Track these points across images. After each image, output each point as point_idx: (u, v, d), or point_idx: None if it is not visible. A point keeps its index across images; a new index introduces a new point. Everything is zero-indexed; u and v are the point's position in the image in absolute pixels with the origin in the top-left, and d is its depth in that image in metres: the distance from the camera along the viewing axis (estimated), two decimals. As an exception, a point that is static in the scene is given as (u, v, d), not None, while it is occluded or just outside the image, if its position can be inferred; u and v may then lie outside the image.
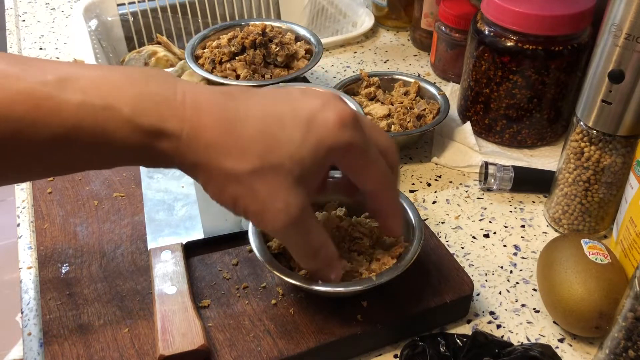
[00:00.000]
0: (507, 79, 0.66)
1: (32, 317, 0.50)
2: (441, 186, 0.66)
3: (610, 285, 0.46)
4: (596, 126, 0.52)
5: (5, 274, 1.73)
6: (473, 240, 0.59)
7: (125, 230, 0.56)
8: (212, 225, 0.55)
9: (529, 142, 0.70)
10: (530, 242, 0.59)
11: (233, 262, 0.53)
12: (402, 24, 0.97)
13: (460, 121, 0.74)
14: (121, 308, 0.49)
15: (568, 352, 0.49)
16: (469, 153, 0.69)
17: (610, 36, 0.48)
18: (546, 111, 0.67)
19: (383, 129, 0.67)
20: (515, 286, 0.54)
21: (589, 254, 0.48)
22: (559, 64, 0.63)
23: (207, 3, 1.06)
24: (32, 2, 1.06)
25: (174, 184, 0.61)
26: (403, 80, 0.75)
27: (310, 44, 0.78)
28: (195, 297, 0.49)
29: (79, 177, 0.62)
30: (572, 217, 0.57)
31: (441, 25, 0.80)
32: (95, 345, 0.46)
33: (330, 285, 0.44)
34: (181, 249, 0.52)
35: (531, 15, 0.61)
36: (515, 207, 0.63)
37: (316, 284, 0.44)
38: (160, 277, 0.49)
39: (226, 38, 0.76)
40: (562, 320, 0.48)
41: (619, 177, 0.54)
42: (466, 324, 0.51)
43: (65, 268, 0.52)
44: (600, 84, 0.50)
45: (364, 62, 0.89)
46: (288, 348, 0.45)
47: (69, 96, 0.33)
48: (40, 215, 0.58)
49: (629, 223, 0.50)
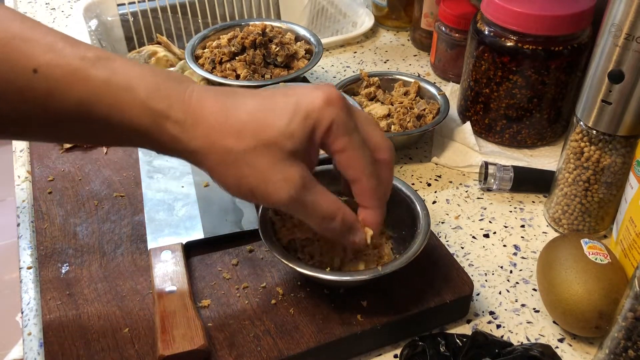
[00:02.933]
0: (507, 79, 0.66)
1: (32, 317, 0.50)
2: (441, 186, 0.66)
3: (610, 285, 0.46)
4: (596, 126, 0.52)
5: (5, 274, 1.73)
6: (473, 240, 0.59)
7: (125, 230, 0.56)
8: (212, 225, 0.55)
9: (529, 142, 0.70)
10: (530, 242, 0.59)
11: (233, 262, 0.53)
12: (402, 24, 0.97)
13: (460, 121, 0.74)
14: (121, 308, 0.49)
15: (568, 352, 0.49)
16: (469, 153, 0.69)
17: (610, 36, 0.48)
18: (546, 111, 0.67)
19: (383, 129, 0.67)
20: (515, 286, 0.54)
21: (588, 254, 0.48)
22: (559, 64, 0.64)
23: (207, 3, 1.06)
24: (32, 2, 1.06)
25: (174, 184, 0.61)
26: (403, 80, 0.75)
27: (310, 44, 0.78)
28: (195, 297, 0.49)
29: (79, 177, 0.62)
30: (572, 217, 0.57)
31: (441, 25, 0.80)
32: (95, 346, 0.46)
33: (337, 274, 0.45)
34: (181, 249, 0.52)
35: (531, 15, 0.61)
36: (515, 207, 0.63)
37: (324, 273, 0.45)
38: (160, 277, 0.49)
39: (226, 38, 0.76)
40: (562, 320, 0.48)
41: (619, 177, 0.54)
42: (466, 324, 0.51)
43: (65, 268, 0.52)
44: (600, 84, 0.50)
45: (364, 62, 0.89)
46: (288, 348, 0.45)
47: (99, 72, 0.39)
48: (40, 215, 0.58)
49: (628, 223, 0.50)
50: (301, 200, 0.40)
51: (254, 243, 0.54)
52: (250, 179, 0.40)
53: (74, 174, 0.63)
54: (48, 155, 0.65)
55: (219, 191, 0.60)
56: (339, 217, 0.42)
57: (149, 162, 0.64)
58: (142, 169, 0.63)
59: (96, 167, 0.64)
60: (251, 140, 0.39)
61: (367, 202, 0.43)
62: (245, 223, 0.56)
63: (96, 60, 0.39)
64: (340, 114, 0.40)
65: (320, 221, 0.42)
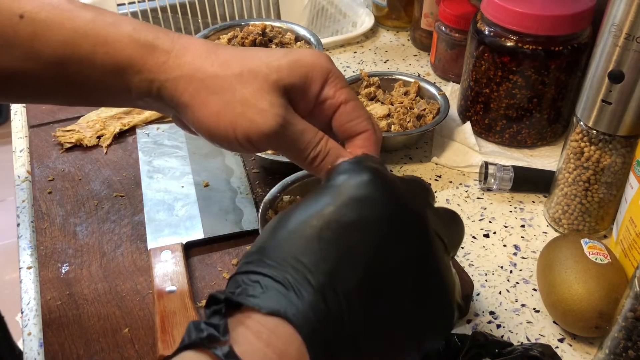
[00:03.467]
0: (507, 79, 0.66)
1: (32, 317, 0.50)
2: (441, 186, 0.66)
3: (610, 285, 0.46)
4: (596, 126, 0.52)
5: (6, 274, 1.73)
6: (473, 240, 0.59)
7: (125, 230, 0.56)
8: (212, 225, 0.56)
9: (529, 142, 0.70)
10: (530, 242, 0.59)
11: (233, 262, 0.53)
12: (402, 24, 0.97)
13: (460, 121, 0.74)
14: (121, 308, 0.49)
15: (568, 352, 0.49)
16: (469, 153, 0.69)
17: (610, 36, 0.48)
18: (546, 111, 0.67)
19: (383, 129, 0.67)
20: (515, 286, 0.54)
21: (589, 254, 0.48)
22: (559, 64, 0.63)
23: (207, 3, 1.06)
24: (32, 2, 1.06)
25: (174, 184, 0.61)
26: (403, 80, 0.75)
27: (310, 44, 0.78)
28: (195, 297, 0.49)
29: (79, 177, 0.62)
30: (572, 217, 0.57)
31: (441, 25, 0.80)
32: (95, 346, 0.46)
33: None
34: (181, 249, 0.52)
35: (531, 15, 0.61)
36: (515, 207, 0.63)
37: None
38: (160, 277, 0.49)
39: (226, 38, 0.76)
40: (562, 320, 0.48)
41: (619, 177, 0.54)
42: (466, 324, 0.51)
43: (65, 268, 0.52)
44: (600, 84, 0.50)
45: (364, 62, 0.89)
46: (288, 348, 0.45)
47: (85, 13, 0.40)
48: (40, 215, 0.58)
49: (629, 223, 0.50)
50: (287, 123, 0.38)
51: (254, 243, 0.54)
52: (234, 105, 0.38)
53: (74, 174, 0.63)
54: (48, 155, 0.65)
55: (219, 191, 0.61)
56: (324, 140, 0.40)
57: (149, 162, 0.64)
58: (142, 169, 0.63)
59: (96, 167, 0.64)
60: (237, 67, 0.39)
61: (359, 123, 0.41)
62: (245, 223, 0.56)
63: (83, 6, 0.40)
64: (334, 67, 0.41)
65: (306, 146, 0.39)
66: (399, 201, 0.34)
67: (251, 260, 0.31)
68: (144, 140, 0.68)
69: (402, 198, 0.34)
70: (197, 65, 0.39)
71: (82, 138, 0.67)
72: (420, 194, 0.37)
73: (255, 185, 0.62)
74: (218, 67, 0.39)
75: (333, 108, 0.41)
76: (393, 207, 0.33)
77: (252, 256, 0.31)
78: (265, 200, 0.53)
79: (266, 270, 0.29)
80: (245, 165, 0.64)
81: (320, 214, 0.32)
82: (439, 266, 0.34)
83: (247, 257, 0.31)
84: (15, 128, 0.72)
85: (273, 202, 0.54)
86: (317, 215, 0.32)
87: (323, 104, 0.41)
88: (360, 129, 0.41)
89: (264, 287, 0.29)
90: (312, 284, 0.29)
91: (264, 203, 0.53)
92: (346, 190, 0.33)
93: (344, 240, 0.31)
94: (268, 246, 0.31)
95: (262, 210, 0.52)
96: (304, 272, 0.29)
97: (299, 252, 0.30)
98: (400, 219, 0.33)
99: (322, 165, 0.40)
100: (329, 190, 0.34)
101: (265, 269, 0.30)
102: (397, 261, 0.32)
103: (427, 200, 0.37)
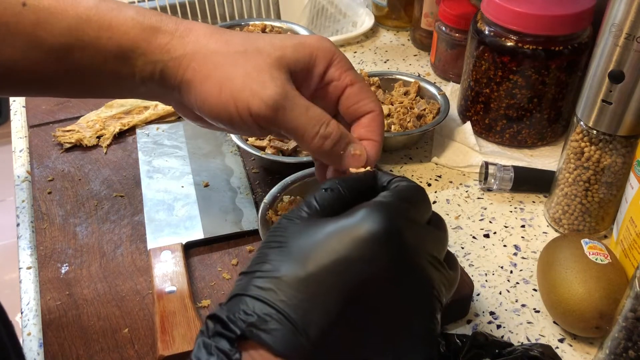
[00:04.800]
0: (507, 79, 0.66)
1: (32, 317, 0.50)
2: (441, 186, 0.66)
3: (610, 285, 0.46)
4: (596, 126, 0.52)
5: (5, 274, 1.73)
6: (473, 240, 0.59)
7: (125, 230, 0.56)
8: (212, 225, 0.55)
9: (529, 142, 0.70)
10: (530, 242, 0.59)
11: (233, 262, 0.53)
12: (402, 24, 0.97)
13: (460, 121, 0.74)
14: (121, 308, 0.49)
15: (568, 352, 0.49)
16: (469, 153, 0.69)
17: (610, 36, 0.48)
18: (546, 111, 0.67)
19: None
20: (515, 286, 0.54)
21: (589, 254, 0.48)
22: (559, 64, 0.63)
23: (207, 3, 1.06)
24: (32, 2, 1.06)
25: (173, 184, 0.61)
26: (403, 80, 0.74)
27: (310, 44, 0.78)
28: (195, 297, 0.49)
29: (79, 177, 0.62)
30: (572, 217, 0.57)
31: (441, 25, 0.80)
32: (94, 346, 0.46)
33: None
34: (181, 249, 0.52)
35: (531, 15, 0.61)
36: (515, 207, 0.63)
37: None
38: (160, 277, 0.49)
39: (226, 38, 0.76)
40: (562, 320, 0.48)
41: (619, 177, 0.54)
42: (466, 324, 0.51)
43: (65, 268, 0.52)
44: (600, 84, 0.50)
45: (364, 62, 0.89)
46: (288, 348, 0.45)
47: (87, 0, 0.40)
48: (40, 215, 0.57)
49: (629, 223, 0.50)
50: (289, 95, 0.37)
51: (254, 243, 0.54)
52: (235, 80, 0.38)
53: (73, 174, 0.63)
54: (48, 155, 0.65)
55: (219, 191, 0.61)
56: (333, 122, 0.38)
57: (148, 162, 0.64)
58: (142, 169, 0.63)
59: (96, 167, 0.64)
60: (241, 46, 0.39)
61: (376, 135, 0.41)
62: (245, 223, 0.56)
63: None
64: (339, 50, 0.41)
65: (314, 124, 0.38)
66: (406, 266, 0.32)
67: (262, 285, 0.29)
68: (143, 140, 0.68)
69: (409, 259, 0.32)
70: (202, 44, 0.40)
71: (82, 138, 0.67)
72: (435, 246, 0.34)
73: (255, 185, 0.62)
74: (222, 45, 0.39)
75: (339, 91, 0.41)
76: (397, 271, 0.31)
77: (263, 280, 0.29)
78: (265, 201, 0.53)
79: (280, 306, 0.28)
80: (245, 165, 0.64)
81: (335, 262, 0.29)
82: (436, 326, 0.34)
83: (256, 276, 0.29)
84: (15, 128, 0.72)
85: (273, 202, 0.54)
86: (332, 255, 0.29)
87: (328, 86, 0.41)
88: (367, 110, 0.40)
89: (276, 323, 0.28)
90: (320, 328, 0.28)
91: (264, 203, 0.53)
92: (359, 242, 0.30)
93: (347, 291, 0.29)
94: (282, 275, 0.29)
95: (262, 210, 0.52)
96: (312, 315, 0.28)
97: (311, 294, 0.28)
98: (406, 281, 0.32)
99: (335, 149, 0.38)
100: (344, 231, 0.30)
101: (278, 302, 0.28)
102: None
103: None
